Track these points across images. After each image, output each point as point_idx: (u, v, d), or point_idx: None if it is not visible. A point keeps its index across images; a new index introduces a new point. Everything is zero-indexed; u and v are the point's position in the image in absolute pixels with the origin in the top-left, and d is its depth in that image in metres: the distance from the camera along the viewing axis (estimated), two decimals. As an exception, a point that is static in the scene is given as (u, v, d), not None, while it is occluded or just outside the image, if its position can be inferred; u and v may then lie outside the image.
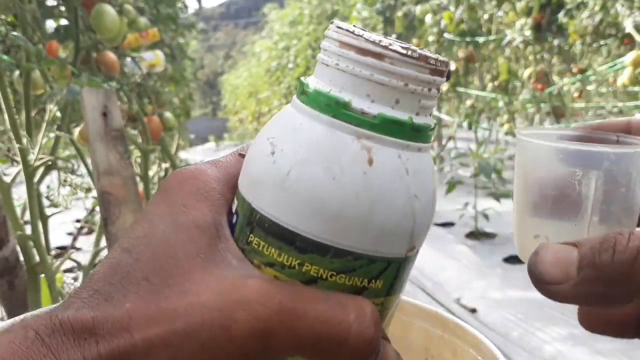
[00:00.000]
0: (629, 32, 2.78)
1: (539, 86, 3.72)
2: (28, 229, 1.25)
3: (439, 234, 3.06)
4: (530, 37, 3.42)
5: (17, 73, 1.38)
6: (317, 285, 0.22)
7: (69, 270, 1.99)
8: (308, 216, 0.21)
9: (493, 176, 3.09)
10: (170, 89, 2.58)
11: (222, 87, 21.67)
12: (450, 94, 4.83)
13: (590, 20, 3.08)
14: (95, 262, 1.42)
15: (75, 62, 1.40)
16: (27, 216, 1.27)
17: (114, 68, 1.56)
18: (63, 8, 1.51)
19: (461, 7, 4.14)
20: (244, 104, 15.26)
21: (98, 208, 1.23)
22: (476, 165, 3.08)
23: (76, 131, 1.52)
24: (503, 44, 3.70)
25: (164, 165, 2.64)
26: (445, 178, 4.35)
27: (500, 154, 3.32)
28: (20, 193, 1.77)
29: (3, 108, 1.22)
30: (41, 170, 1.25)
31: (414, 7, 4.99)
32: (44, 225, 1.31)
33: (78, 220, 2.80)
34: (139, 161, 1.75)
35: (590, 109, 5.02)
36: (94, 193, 1.48)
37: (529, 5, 3.33)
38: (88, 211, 2.11)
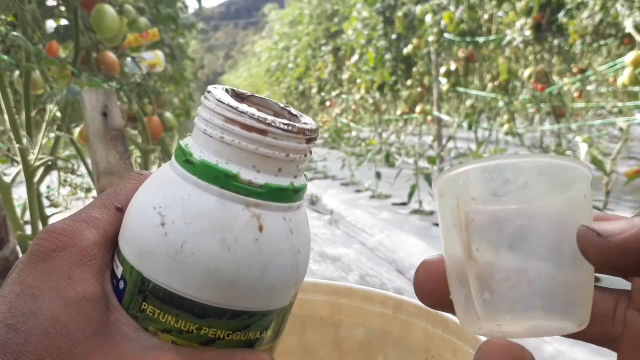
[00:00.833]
0: (629, 32, 2.78)
1: (539, 86, 3.72)
2: (28, 229, 1.26)
3: (439, 234, 3.05)
4: (530, 37, 3.42)
5: (17, 73, 1.38)
6: (215, 344, 0.23)
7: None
8: (204, 284, 0.22)
9: (493, 176, 3.09)
10: (170, 89, 2.58)
11: (222, 87, 21.58)
12: (450, 94, 4.83)
13: (590, 20, 3.08)
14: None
15: (75, 62, 1.40)
16: (27, 216, 1.28)
17: (114, 68, 1.56)
18: (63, 8, 1.50)
19: (461, 7, 4.15)
20: (244, 104, 15.24)
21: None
22: (476, 165, 3.07)
23: (76, 131, 1.52)
24: (503, 44, 3.70)
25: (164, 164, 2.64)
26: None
27: (500, 154, 3.32)
28: (20, 193, 1.78)
29: (3, 108, 1.22)
30: (41, 170, 1.25)
31: (414, 7, 4.99)
32: (44, 225, 1.31)
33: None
34: (139, 161, 1.75)
35: (590, 109, 5.03)
36: (94, 193, 1.48)
37: (529, 5, 3.33)
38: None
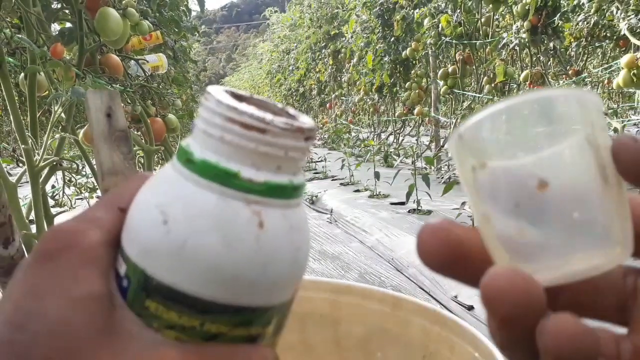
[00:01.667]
0: (624, 35, 2.80)
1: (535, 88, 3.74)
2: (33, 228, 1.27)
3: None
4: (526, 40, 3.45)
5: (22, 75, 1.40)
6: (218, 340, 0.24)
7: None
8: (207, 281, 0.23)
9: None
10: (173, 91, 2.60)
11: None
12: (447, 96, 4.86)
13: (585, 23, 3.10)
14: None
15: (79, 64, 1.41)
16: (33, 215, 1.29)
17: (118, 70, 1.57)
18: (67, 11, 1.52)
19: (458, 11, 4.18)
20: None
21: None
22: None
23: (80, 132, 1.54)
24: (500, 47, 3.73)
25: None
26: (442, 178, 4.37)
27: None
28: (25, 193, 1.80)
29: (9, 109, 1.24)
30: (46, 170, 1.27)
31: (412, 11, 5.02)
32: (49, 224, 1.33)
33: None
34: (143, 161, 1.77)
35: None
36: (98, 192, 1.50)
37: (526, 8, 3.36)
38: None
